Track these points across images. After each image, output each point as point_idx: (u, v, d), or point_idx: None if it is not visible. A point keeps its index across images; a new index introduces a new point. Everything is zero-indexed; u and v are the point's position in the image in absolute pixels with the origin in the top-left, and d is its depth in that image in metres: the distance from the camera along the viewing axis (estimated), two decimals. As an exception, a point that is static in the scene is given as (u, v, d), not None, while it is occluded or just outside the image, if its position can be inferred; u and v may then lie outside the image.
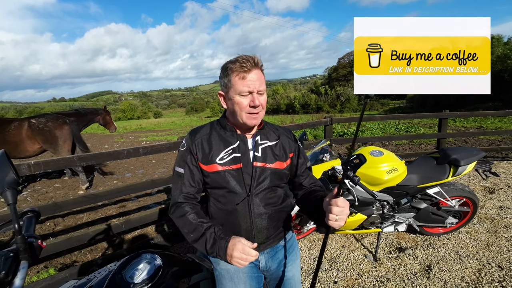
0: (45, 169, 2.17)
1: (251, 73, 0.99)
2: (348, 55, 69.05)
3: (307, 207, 1.16)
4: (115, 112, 63.22)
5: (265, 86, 1.05)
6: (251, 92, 1.00)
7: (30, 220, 0.89)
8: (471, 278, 2.19)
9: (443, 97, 26.28)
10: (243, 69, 0.98)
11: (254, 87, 0.99)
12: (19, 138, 4.86)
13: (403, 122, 11.54)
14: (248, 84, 0.99)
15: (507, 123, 10.40)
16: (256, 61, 1.00)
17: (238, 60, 0.99)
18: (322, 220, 0.98)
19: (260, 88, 1.01)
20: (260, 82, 1.01)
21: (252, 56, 1.01)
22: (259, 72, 1.02)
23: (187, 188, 1.09)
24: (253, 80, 0.99)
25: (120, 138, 14.95)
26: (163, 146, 2.70)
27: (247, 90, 0.99)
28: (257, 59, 1.01)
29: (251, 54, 1.02)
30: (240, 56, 1.01)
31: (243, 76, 0.99)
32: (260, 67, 1.03)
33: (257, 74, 1.00)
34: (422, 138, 6.59)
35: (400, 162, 2.47)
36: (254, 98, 1.00)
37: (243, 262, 0.91)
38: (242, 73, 0.99)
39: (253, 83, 0.99)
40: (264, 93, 1.04)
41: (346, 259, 2.55)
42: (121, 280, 0.81)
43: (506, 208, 3.29)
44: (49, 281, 2.20)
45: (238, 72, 0.99)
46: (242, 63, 0.98)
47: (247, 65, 0.98)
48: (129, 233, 3.32)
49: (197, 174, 1.10)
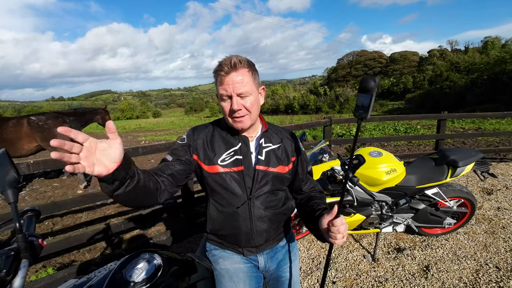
0: (44, 168, 2.17)
1: (229, 76, 0.95)
2: (347, 56, 69.26)
3: (304, 217, 1.14)
4: (114, 112, 63.05)
5: (252, 87, 0.99)
6: (230, 96, 0.96)
7: (30, 219, 0.89)
8: (469, 279, 2.20)
9: (441, 98, 26.41)
10: (221, 73, 0.95)
11: (231, 90, 0.95)
12: (16, 135, 4.82)
13: (402, 123, 11.58)
14: (225, 88, 0.95)
15: (505, 124, 10.46)
16: (233, 62, 0.94)
17: (219, 64, 0.97)
18: (318, 235, 0.97)
19: (240, 91, 0.95)
20: (241, 84, 0.95)
21: (230, 57, 0.96)
22: (241, 73, 0.96)
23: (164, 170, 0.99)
24: (231, 83, 0.94)
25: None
26: (162, 145, 2.70)
27: (225, 94, 0.96)
28: (234, 61, 0.95)
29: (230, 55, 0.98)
30: (223, 60, 0.97)
31: (221, 80, 0.96)
32: (241, 67, 0.96)
33: (237, 75, 0.95)
34: (421, 139, 6.61)
35: (399, 163, 2.49)
36: (233, 102, 0.96)
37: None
38: (220, 77, 0.95)
39: (230, 87, 0.95)
40: (249, 96, 0.98)
41: (345, 259, 2.56)
42: (121, 279, 0.82)
43: (503, 209, 3.31)
44: (47, 281, 2.20)
45: (218, 76, 0.97)
46: (220, 66, 0.95)
47: (224, 68, 0.94)
48: (128, 233, 3.32)
49: (179, 168, 1.02)
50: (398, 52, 59.88)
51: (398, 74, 53.26)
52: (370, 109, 0.77)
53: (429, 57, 52.07)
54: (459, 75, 27.26)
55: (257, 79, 1.03)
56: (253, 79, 1.00)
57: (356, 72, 63.65)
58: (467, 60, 29.10)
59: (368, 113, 0.78)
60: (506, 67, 20.76)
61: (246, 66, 0.98)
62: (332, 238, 0.90)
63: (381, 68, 60.78)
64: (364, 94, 0.77)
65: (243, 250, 1.13)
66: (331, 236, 0.90)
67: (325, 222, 0.92)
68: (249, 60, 1.01)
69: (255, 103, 1.02)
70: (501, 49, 25.89)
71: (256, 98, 1.03)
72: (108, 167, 0.69)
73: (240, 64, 0.96)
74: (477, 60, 27.44)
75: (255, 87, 1.01)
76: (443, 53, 49.44)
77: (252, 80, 0.99)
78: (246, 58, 1.00)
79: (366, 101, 0.77)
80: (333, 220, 0.89)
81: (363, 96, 0.78)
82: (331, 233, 0.89)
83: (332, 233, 0.89)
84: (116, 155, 0.70)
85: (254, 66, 1.03)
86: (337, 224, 0.87)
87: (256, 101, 1.03)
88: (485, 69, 23.71)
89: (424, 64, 47.64)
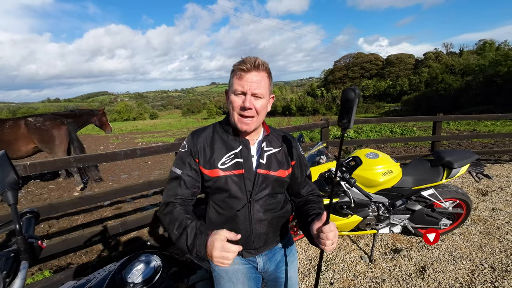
0: (41, 170, 2.16)
1: (249, 74, 0.97)
2: (344, 58, 69.65)
3: (299, 221, 1.16)
4: (110, 113, 62.66)
5: (266, 91, 1.01)
6: (244, 93, 0.98)
7: (29, 220, 0.89)
8: (465, 279, 2.22)
9: (437, 101, 26.67)
10: (242, 69, 0.97)
11: (248, 87, 0.97)
12: (13, 136, 4.78)
13: (398, 125, 11.67)
14: (242, 84, 0.97)
15: (499, 126, 10.59)
16: (257, 63, 0.97)
17: (242, 60, 0.99)
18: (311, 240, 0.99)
19: (256, 91, 0.97)
20: (258, 85, 0.97)
21: (255, 58, 0.98)
22: (261, 75, 0.99)
23: (182, 190, 1.05)
24: (249, 81, 0.96)
25: (116, 139, 14.85)
26: (160, 147, 2.70)
27: (240, 89, 0.98)
28: (258, 61, 0.98)
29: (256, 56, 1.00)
30: (246, 57, 1.00)
31: (240, 75, 0.97)
32: (263, 70, 0.99)
33: (257, 76, 0.98)
34: (417, 140, 6.67)
35: (395, 165, 2.51)
36: (246, 99, 0.97)
37: (225, 261, 0.84)
38: (240, 72, 0.97)
39: (248, 84, 0.96)
40: (262, 98, 1.00)
41: (342, 261, 2.57)
42: (121, 280, 0.82)
43: (498, 210, 3.35)
44: (44, 284, 2.17)
45: (237, 71, 0.98)
46: (243, 62, 0.98)
47: (247, 65, 0.96)
48: (125, 235, 3.30)
49: (194, 177, 1.07)
50: (395, 55, 60.34)
51: (395, 76, 53.68)
52: (352, 118, 0.81)
53: (424, 59, 52.58)
54: (454, 77, 27.57)
55: (271, 87, 1.06)
56: (269, 85, 1.03)
57: (352, 74, 64.02)
58: (462, 63, 29.45)
59: (351, 122, 0.81)
60: (500, 70, 21.06)
61: (266, 70, 1.01)
62: (321, 244, 0.91)
63: (377, 70, 61.20)
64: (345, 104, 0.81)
65: (242, 252, 1.14)
66: (321, 243, 0.91)
67: (315, 229, 0.94)
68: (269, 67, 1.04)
69: (264, 108, 1.04)
70: (495, 52, 26.28)
71: (266, 103, 1.05)
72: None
73: (263, 66, 0.99)
74: (472, 62, 27.78)
75: (268, 92, 1.04)
76: (438, 56, 49.94)
77: (268, 85, 1.02)
78: (267, 64, 1.03)
79: (348, 111, 0.81)
80: (322, 227, 0.90)
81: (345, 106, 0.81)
82: (321, 239, 0.91)
83: (321, 239, 0.91)
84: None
85: (271, 74, 1.06)
86: (326, 231, 0.89)
87: (266, 106, 1.05)
88: (480, 71, 24.02)
89: (420, 66, 48.09)
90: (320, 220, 0.92)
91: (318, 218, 0.95)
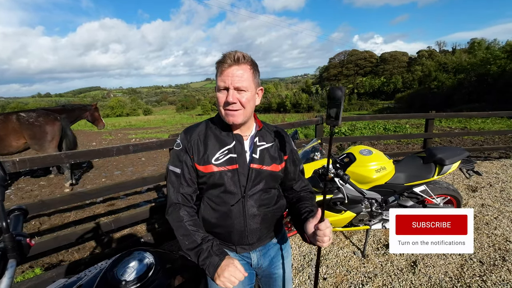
0: (31, 167, 2.11)
1: (230, 69, 0.96)
2: (338, 55, 69.83)
3: (292, 218, 1.17)
4: (103, 109, 61.61)
5: (250, 83, 1.00)
6: (227, 88, 0.97)
7: (17, 218, 0.87)
8: (454, 273, 2.27)
9: (430, 98, 26.99)
10: (222, 65, 0.97)
11: (230, 82, 0.96)
12: (4, 132, 4.66)
13: (391, 122, 11.79)
14: (224, 79, 0.97)
15: (489, 124, 10.80)
16: (237, 56, 0.96)
17: (223, 56, 0.99)
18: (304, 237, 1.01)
19: (237, 84, 0.96)
20: (240, 78, 0.96)
21: (235, 52, 0.98)
22: (242, 68, 0.97)
23: (184, 188, 1.07)
24: (230, 75, 0.96)
25: (109, 135, 14.65)
26: (154, 143, 2.67)
27: (223, 85, 0.98)
28: (238, 55, 0.97)
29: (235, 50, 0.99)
30: (228, 52, 0.99)
31: (221, 71, 0.97)
32: (244, 63, 0.98)
33: (238, 69, 0.96)
34: (410, 138, 6.77)
35: (389, 161, 2.54)
36: (228, 94, 0.97)
37: (228, 284, 0.89)
38: (221, 68, 0.97)
39: (229, 79, 0.96)
40: (246, 91, 0.99)
41: (335, 256, 2.60)
42: (112, 278, 0.81)
43: (487, 206, 3.42)
44: (35, 281, 2.14)
45: (219, 67, 0.98)
46: (224, 58, 0.97)
47: (227, 61, 0.96)
48: (118, 232, 3.28)
49: (193, 174, 1.08)
50: (389, 52, 60.74)
51: (388, 74, 54.08)
52: (340, 116, 0.82)
53: (418, 57, 53.07)
54: (447, 75, 27.91)
55: (257, 79, 1.04)
56: (253, 77, 1.02)
57: (347, 72, 64.28)
58: (454, 61, 29.81)
59: (339, 120, 0.83)
60: (490, 68, 21.40)
61: (249, 63, 1.00)
62: (319, 241, 0.92)
63: (371, 67, 61.56)
64: (333, 103, 0.83)
65: (236, 247, 1.14)
66: (318, 240, 0.92)
67: (311, 227, 0.95)
68: (253, 59, 1.03)
69: (251, 100, 1.02)
70: (486, 50, 26.66)
71: (253, 96, 1.03)
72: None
73: (243, 59, 0.98)
74: (464, 60, 28.15)
75: (253, 85, 1.02)
76: (431, 54, 50.47)
77: (252, 77, 1.01)
78: (250, 56, 1.02)
79: (336, 109, 0.82)
80: (318, 224, 0.91)
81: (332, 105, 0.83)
82: (318, 236, 0.92)
83: (318, 236, 0.91)
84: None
85: (256, 65, 1.05)
86: (322, 228, 0.90)
87: (252, 99, 1.03)
88: (472, 69, 24.36)
89: (413, 64, 48.54)
90: (315, 217, 0.93)
91: (311, 216, 0.95)
